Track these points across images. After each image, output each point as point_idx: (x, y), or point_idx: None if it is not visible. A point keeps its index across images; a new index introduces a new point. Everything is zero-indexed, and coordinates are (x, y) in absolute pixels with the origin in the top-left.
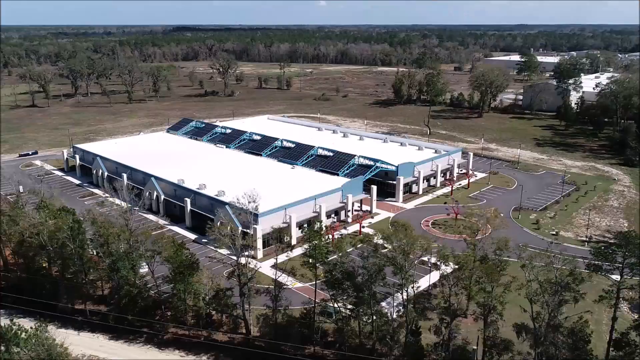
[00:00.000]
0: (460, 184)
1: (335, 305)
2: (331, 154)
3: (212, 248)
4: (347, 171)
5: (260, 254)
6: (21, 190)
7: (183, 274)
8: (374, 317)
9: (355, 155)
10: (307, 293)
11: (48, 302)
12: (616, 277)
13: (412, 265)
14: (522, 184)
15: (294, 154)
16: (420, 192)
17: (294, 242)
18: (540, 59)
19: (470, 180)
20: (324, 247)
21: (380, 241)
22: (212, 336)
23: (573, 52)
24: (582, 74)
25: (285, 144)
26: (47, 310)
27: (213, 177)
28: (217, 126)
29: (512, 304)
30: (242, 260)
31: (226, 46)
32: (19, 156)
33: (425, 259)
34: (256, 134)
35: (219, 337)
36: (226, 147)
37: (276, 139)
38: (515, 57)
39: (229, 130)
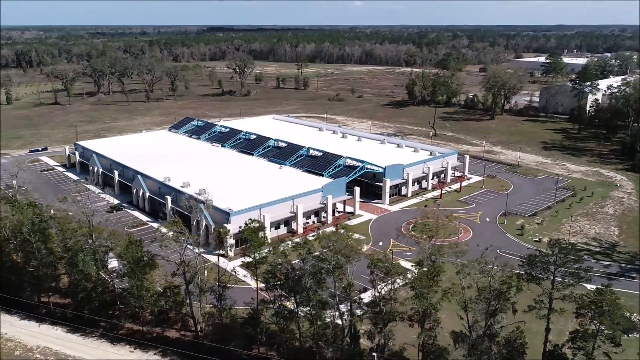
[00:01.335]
0: (450, 187)
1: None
2: (320, 154)
3: (189, 246)
4: (333, 172)
5: (231, 253)
6: (15, 184)
7: (134, 270)
8: (316, 320)
9: (342, 156)
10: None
11: (14, 294)
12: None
13: (345, 269)
14: (517, 189)
15: (285, 153)
16: (409, 195)
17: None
18: (568, 60)
19: (465, 184)
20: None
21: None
22: (164, 333)
23: (607, 54)
24: (610, 76)
25: (278, 143)
26: (14, 302)
27: (198, 176)
28: (215, 125)
29: (455, 311)
30: (214, 259)
31: (253, 46)
32: (30, 152)
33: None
34: (252, 133)
35: (171, 335)
36: (221, 146)
37: (269, 139)
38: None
39: (226, 130)
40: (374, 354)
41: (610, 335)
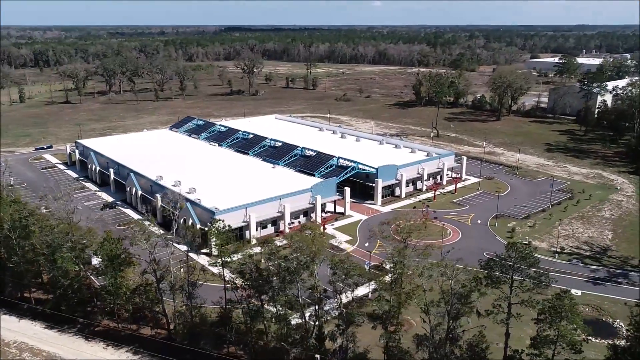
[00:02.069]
0: (442, 189)
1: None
2: (314, 154)
3: (175, 245)
4: (326, 172)
5: (215, 251)
6: (12, 182)
7: (107, 267)
8: (282, 321)
9: (334, 156)
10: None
11: None
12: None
13: (311, 269)
14: (514, 191)
15: (279, 153)
16: (403, 196)
17: (253, 241)
18: (584, 60)
19: (461, 185)
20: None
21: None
22: (139, 331)
23: (627, 54)
24: (626, 77)
25: (273, 143)
26: None
27: (191, 175)
28: (214, 124)
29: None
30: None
31: (267, 46)
32: (35, 149)
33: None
34: (249, 133)
35: (145, 332)
36: (219, 145)
37: (265, 138)
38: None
39: (224, 129)
40: (317, 355)
41: (571, 341)
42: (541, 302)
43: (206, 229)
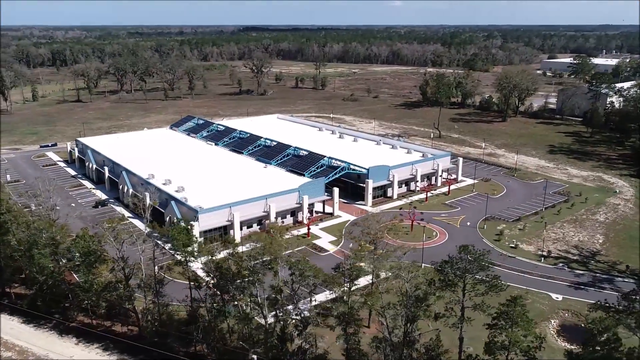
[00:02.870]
0: (434, 191)
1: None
2: (306, 153)
3: (160, 242)
4: (316, 172)
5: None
6: (8, 179)
7: (81, 264)
8: (243, 320)
9: (325, 156)
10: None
11: None
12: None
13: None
14: (509, 193)
15: (272, 153)
16: (395, 197)
17: (237, 240)
18: (602, 61)
19: (456, 187)
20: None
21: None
22: (112, 327)
23: None
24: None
25: (269, 143)
26: None
27: (183, 173)
28: (213, 123)
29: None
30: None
31: (282, 46)
32: (40, 147)
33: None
34: (245, 132)
35: (118, 329)
36: (215, 144)
37: (260, 138)
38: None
39: (222, 128)
40: (254, 356)
41: (522, 348)
42: (493, 307)
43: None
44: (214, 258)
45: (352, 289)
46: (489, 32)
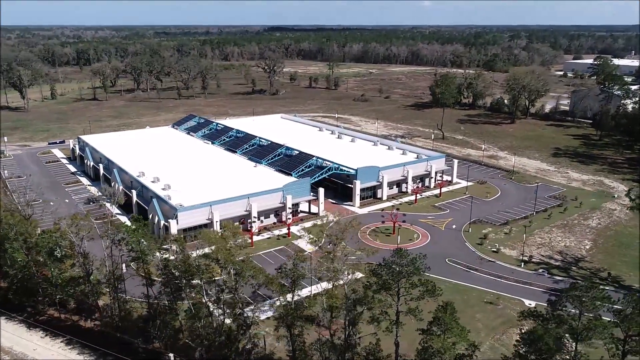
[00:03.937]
0: (423, 193)
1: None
2: (296, 153)
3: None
4: (304, 171)
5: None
6: (6, 174)
7: (47, 259)
8: (192, 318)
9: (313, 156)
10: None
11: None
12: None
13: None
14: (504, 196)
15: (264, 152)
16: (385, 198)
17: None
18: (627, 62)
19: (449, 189)
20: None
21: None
22: (78, 322)
23: None
24: None
25: (263, 142)
26: None
27: (173, 172)
28: (212, 122)
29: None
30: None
31: (302, 46)
32: (48, 144)
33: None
34: (241, 131)
35: (85, 324)
36: (211, 143)
37: (254, 137)
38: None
39: (220, 127)
40: (171, 354)
41: (452, 355)
42: (430, 312)
43: (167, 224)
44: (164, 256)
45: (294, 290)
46: (515, 32)
